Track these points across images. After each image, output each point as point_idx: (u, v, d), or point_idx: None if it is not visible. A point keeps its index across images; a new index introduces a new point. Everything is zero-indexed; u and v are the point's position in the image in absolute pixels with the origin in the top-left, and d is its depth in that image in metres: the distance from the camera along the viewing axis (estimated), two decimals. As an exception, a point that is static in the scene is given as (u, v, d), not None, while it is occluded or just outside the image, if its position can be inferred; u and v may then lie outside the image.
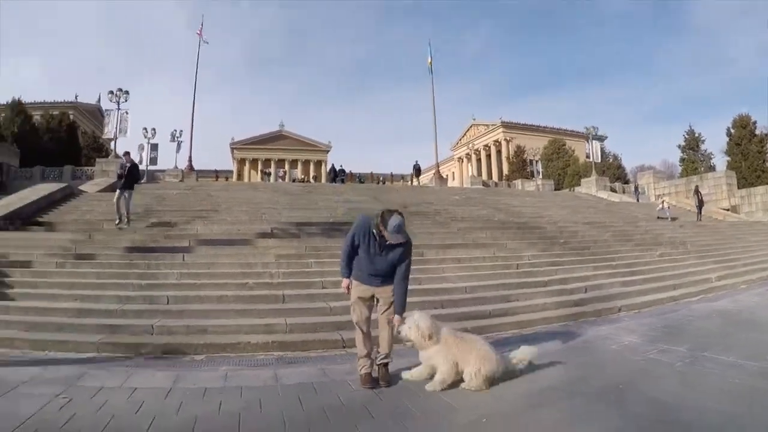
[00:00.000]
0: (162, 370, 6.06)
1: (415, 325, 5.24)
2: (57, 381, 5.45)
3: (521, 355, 5.50)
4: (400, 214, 5.32)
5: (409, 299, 9.10)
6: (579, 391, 4.97)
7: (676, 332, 7.79)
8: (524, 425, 4.27)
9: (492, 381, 5.12)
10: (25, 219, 15.64)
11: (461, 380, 5.15)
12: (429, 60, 52.54)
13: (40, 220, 15.98)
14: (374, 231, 5.41)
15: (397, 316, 5.51)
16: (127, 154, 16.92)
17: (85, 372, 5.85)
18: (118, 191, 15.16)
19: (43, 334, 7.56)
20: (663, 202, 28.53)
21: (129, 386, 5.32)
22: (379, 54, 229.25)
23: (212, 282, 9.98)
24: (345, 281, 5.69)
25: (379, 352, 5.65)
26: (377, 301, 5.72)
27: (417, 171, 50.86)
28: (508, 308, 9.53)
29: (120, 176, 15.93)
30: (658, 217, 26.07)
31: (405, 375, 5.55)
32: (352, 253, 5.62)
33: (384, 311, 5.65)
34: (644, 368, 5.79)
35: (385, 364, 5.63)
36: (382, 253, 5.46)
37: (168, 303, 8.86)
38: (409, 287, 9.84)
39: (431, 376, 5.24)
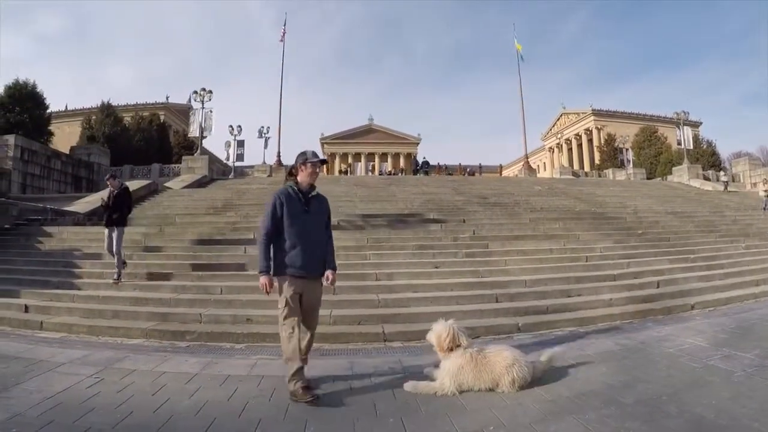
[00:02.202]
0: (196, 357, 6.25)
1: (434, 331, 5.07)
2: (97, 363, 5.84)
3: (545, 357, 5.24)
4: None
5: (465, 292, 9.29)
6: (614, 400, 4.48)
7: (748, 335, 6.91)
8: None
9: (523, 386, 4.81)
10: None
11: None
12: (516, 45, 51.78)
13: (120, 215, 16.65)
14: (291, 187, 5.05)
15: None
16: (113, 177, 11.26)
17: (125, 356, 6.18)
18: (105, 230, 10.55)
19: (99, 321, 8.02)
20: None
21: (158, 371, 5.56)
22: (467, 44, 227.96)
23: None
24: (262, 278, 4.87)
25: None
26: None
27: (417, 166, 50.43)
28: (569, 303, 8.98)
29: (105, 207, 10.81)
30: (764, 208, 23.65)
31: (427, 371, 5.28)
32: (273, 231, 4.92)
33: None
34: (698, 377, 5.12)
35: None
36: (305, 209, 5.00)
37: (221, 293, 9.13)
38: (468, 280, 10.06)
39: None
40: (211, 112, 33.73)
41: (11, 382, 5.06)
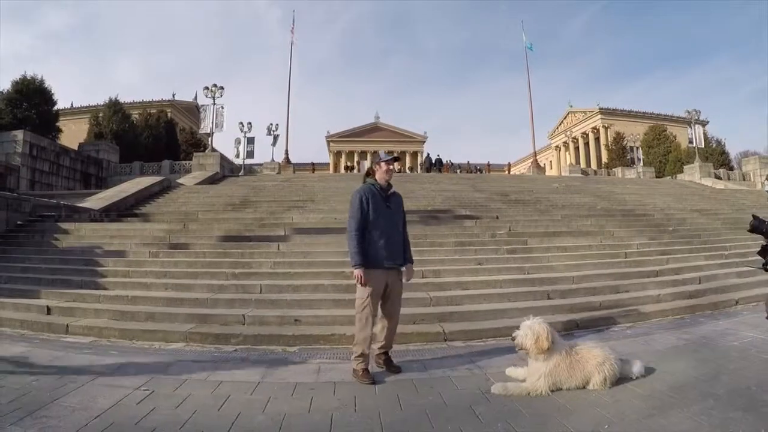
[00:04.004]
0: (251, 363, 5.72)
1: (531, 331, 4.74)
2: (140, 372, 5.19)
3: (638, 372, 4.94)
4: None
5: (515, 289, 8.98)
6: (708, 393, 4.44)
7: None
8: None
9: (614, 383, 4.71)
10: (121, 211, 16.08)
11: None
12: (524, 42, 51.56)
13: (137, 211, 16.32)
14: (372, 185, 5.44)
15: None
16: None
17: (170, 363, 5.58)
18: None
19: (132, 324, 7.36)
20: None
21: (214, 379, 4.97)
22: (475, 43, 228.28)
23: (308, 271, 9.59)
24: (357, 271, 5.15)
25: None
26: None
27: (430, 164, 50.18)
28: (619, 300, 8.80)
29: None
30: None
31: (508, 371, 5.16)
32: (363, 225, 5.24)
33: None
34: None
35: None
36: (387, 205, 5.41)
37: (261, 292, 8.53)
38: (515, 277, 9.79)
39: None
40: (222, 108, 33.28)
41: (47, 397, 4.36)
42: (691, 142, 43.47)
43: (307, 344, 6.63)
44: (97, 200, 17.07)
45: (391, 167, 5.51)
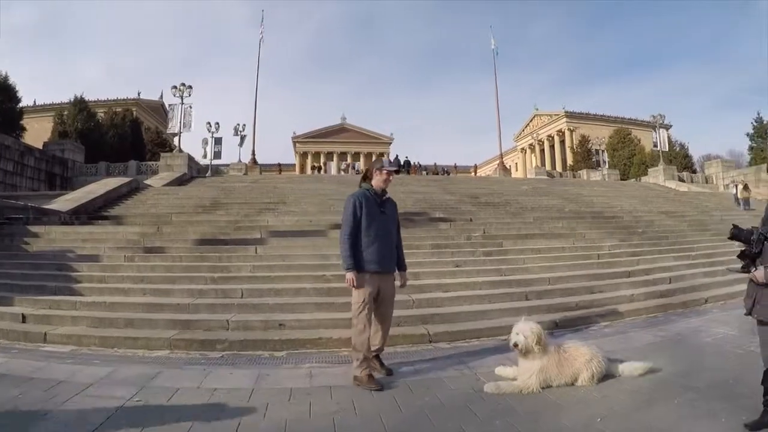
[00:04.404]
0: (241, 369, 5.70)
1: (532, 332, 4.87)
2: (129, 382, 5.04)
3: (628, 372, 5.17)
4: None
5: (493, 290, 9.13)
6: (689, 386, 4.71)
7: None
8: (645, 423, 3.93)
9: (600, 380, 4.93)
10: (91, 213, 15.73)
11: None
12: (492, 45, 52.02)
13: (106, 213, 16.01)
14: (367, 190, 5.47)
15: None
16: None
17: (158, 371, 5.45)
18: None
19: (112, 331, 7.20)
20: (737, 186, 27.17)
21: (207, 387, 4.90)
22: (443, 45, 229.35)
23: (288, 274, 9.56)
24: (350, 274, 5.17)
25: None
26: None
27: (399, 166, 50.58)
28: (594, 300, 9.15)
29: None
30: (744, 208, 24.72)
31: (498, 370, 5.29)
32: (355, 230, 5.24)
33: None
34: (749, 361, 5.19)
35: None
36: (382, 211, 5.43)
37: (242, 296, 8.46)
38: (493, 279, 9.91)
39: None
40: (191, 107, 32.99)
41: (37, 413, 4.15)
42: (655, 145, 44.85)
43: (294, 348, 6.63)
44: (65, 202, 16.63)
45: (391, 178, 5.60)
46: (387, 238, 5.39)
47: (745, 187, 26.23)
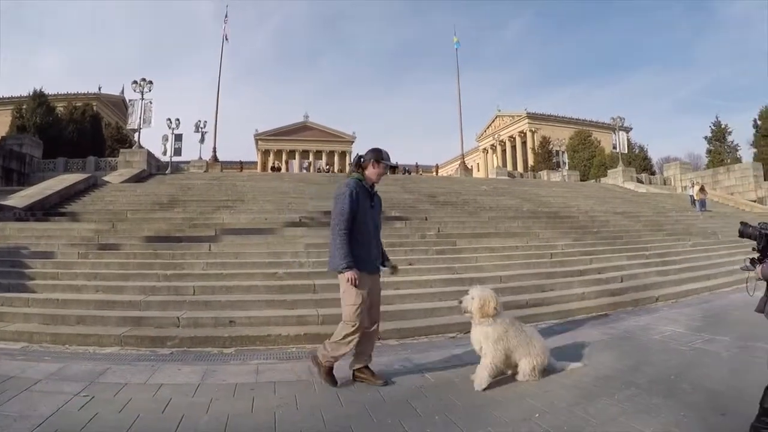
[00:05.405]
0: (189, 365, 5.73)
1: (477, 296, 4.89)
2: (78, 378, 5.10)
3: (570, 368, 5.28)
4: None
5: (445, 288, 9.30)
6: (631, 382, 4.80)
7: (718, 322, 7.66)
8: (582, 418, 3.98)
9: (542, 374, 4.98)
10: (47, 209, 15.57)
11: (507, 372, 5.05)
12: (455, 45, 52.36)
13: (63, 210, 15.86)
14: (360, 180, 5.06)
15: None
16: None
17: (107, 368, 5.50)
18: None
19: (64, 328, 7.21)
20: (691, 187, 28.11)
21: (154, 382, 4.98)
22: (406, 46, 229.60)
23: (240, 272, 9.61)
24: (350, 273, 4.66)
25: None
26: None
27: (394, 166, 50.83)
28: (545, 298, 9.36)
29: None
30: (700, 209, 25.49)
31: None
32: (351, 223, 4.77)
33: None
34: (692, 358, 5.67)
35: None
36: (371, 205, 5.06)
37: (194, 294, 8.50)
38: (445, 277, 10.13)
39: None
40: (151, 103, 32.64)
41: None
42: (615, 147, 45.78)
43: (243, 345, 6.69)
44: (21, 198, 16.43)
45: (386, 173, 5.33)
46: (376, 233, 5.11)
47: (702, 189, 26.88)
